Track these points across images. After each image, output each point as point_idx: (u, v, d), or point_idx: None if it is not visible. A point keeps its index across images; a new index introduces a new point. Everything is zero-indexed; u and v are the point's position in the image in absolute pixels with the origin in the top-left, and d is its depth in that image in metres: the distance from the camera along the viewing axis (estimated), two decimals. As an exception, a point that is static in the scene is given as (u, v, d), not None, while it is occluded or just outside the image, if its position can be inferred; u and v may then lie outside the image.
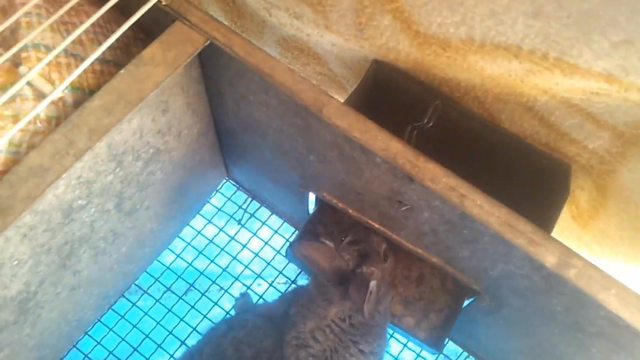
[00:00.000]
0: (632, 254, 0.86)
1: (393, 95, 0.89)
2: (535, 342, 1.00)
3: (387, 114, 0.88)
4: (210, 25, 0.79)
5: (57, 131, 0.72)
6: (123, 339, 1.21)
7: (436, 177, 0.72)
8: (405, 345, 1.23)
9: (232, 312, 1.24)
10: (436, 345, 1.05)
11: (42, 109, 0.71)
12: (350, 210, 0.99)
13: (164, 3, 0.79)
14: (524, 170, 0.88)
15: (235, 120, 1.01)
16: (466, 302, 1.07)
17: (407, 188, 0.80)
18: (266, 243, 1.31)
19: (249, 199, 1.35)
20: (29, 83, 0.73)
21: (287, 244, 1.31)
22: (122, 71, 0.77)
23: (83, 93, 0.82)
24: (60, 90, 0.72)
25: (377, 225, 0.98)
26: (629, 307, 0.69)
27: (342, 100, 0.83)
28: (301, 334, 0.94)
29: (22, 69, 0.74)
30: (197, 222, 1.32)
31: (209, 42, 0.79)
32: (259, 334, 0.96)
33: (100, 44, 0.84)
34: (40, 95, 0.74)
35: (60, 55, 0.79)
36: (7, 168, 0.72)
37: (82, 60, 0.79)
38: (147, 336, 1.21)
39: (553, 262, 0.70)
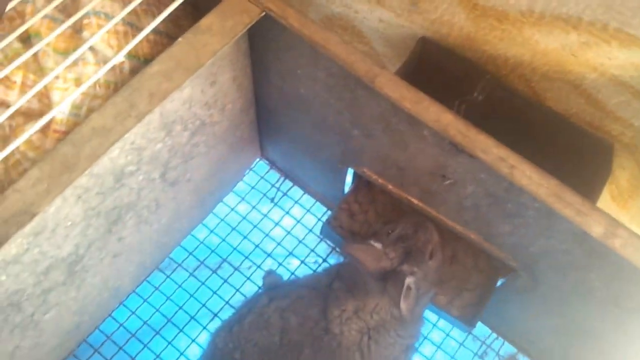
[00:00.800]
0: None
1: (438, 74, 0.91)
2: (569, 320, 1.01)
3: (431, 92, 0.90)
4: (267, -1, 0.81)
5: (118, 94, 0.74)
6: (157, 310, 1.24)
7: (487, 147, 0.74)
8: (434, 325, 1.25)
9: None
10: (469, 322, 1.07)
11: (104, 72, 0.74)
12: (390, 186, 1.01)
13: (219, -25, 0.81)
14: (567, 149, 0.89)
15: (278, 95, 1.03)
16: (500, 282, 1.08)
17: (453, 161, 0.82)
18: (298, 221, 1.33)
19: (282, 178, 1.37)
20: (91, 48, 0.76)
21: (319, 223, 1.33)
22: (180, 39, 0.79)
23: (138, 61, 0.84)
24: (122, 56, 0.75)
25: (415, 201, 1.00)
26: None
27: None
28: (345, 312, 0.96)
29: (85, 34, 0.76)
30: (231, 199, 1.34)
31: (264, 13, 0.81)
32: (303, 303, 0.98)
33: (153, 15, 0.87)
34: (101, 60, 0.77)
35: (118, 23, 0.81)
36: (68, 129, 0.75)
37: (138, 29, 0.81)
38: (180, 307, 1.24)
39: (599, 232, 0.71)
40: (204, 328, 1.22)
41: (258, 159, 1.38)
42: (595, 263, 0.80)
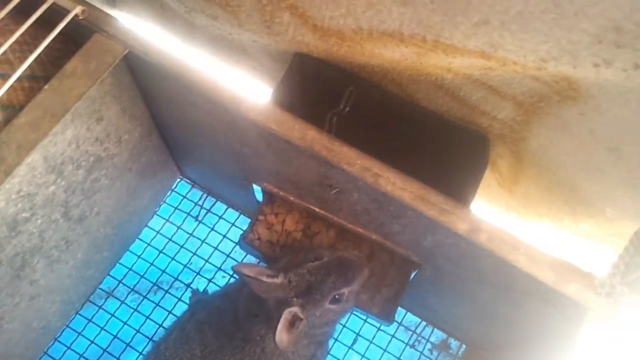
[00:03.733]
0: (552, 214, 0.91)
1: (318, 85, 0.93)
2: (479, 305, 1.05)
3: (313, 103, 0.92)
4: (127, 35, 0.82)
5: (-15, 150, 0.75)
6: (92, 342, 1.25)
7: (351, 159, 0.77)
8: (365, 320, 1.28)
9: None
10: (388, 317, 1.11)
11: (-30, 129, 0.75)
12: (290, 198, 1.04)
13: (80, 17, 0.82)
14: (446, 144, 0.92)
15: (173, 121, 1.05)
16: (413, 275, 1.12)
17: (332, 172, 0.84)
18: (224, 236, 1.35)
19: (205, 195, 1.39)
20: (-45, 106, 0.76)
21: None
22: (45, 86, 0.80)
23: (14, 110, 0.85)
24: (-15, 110, 0.76)
25: (317, 210, 1.03)
26: (537, 264, 0.74)
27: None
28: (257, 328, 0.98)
29: (-53, 92, 0.77)
30: (156, 222, 1.36)
31: (127, 51, 0.82)
32: (218, 312, 1.00)
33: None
34: (-33, 117, 0.77)
35: (-14, 75, 0.82)
36: (-59, 189, 0.76)
37: (9, 78, 0.82)
38: (115, 336, 1.26)
39: (465, 228, 0.75)
40: (140, 354, 1.24)
41: (178, 180, 1.39)
42: (478, 253, 0.83)
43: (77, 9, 0.84)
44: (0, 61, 0.85)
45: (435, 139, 0.92)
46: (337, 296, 0.91)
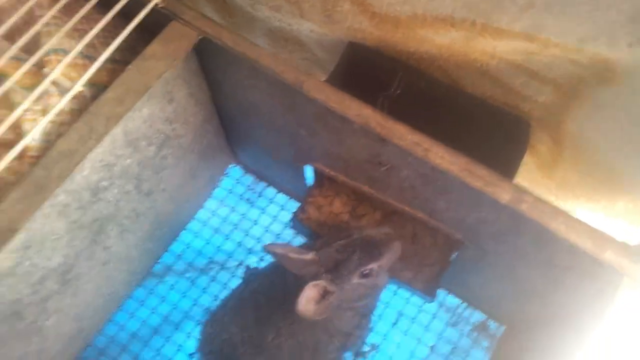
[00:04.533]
0: (589, 195, 0.97)
1: (368, 73, 1.01)
2: (518, 284, 1.11)
3: (364, 90, 1.00)
4: (202, 22, 0.92)
5: (79, 120, 0.85)
6: (153, 311, 1.35)
7: (403, 135, 0.84)
8: (408, 300, 1.34)
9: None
10: (431, 294, 1.17)
11: (64, 103, 0.85)
12: (341, 177, 1.11)
13: (160, 5, 0.92)
14: (489, 129, 0.98)
15: (234, 105, 1.14)
16: (455, 254, 1.18)
17: (383, 149, 0.92)
18: (274, 218, 1.44)
19: (257, 180, 1.48)
20: (53, 82, 0.87)
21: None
22: (129, 67, 0.90)
23: (98, 89, 0.95)
24: (79, 86, 0.86)
25: (366, 189, 1.10)
26: (575, 232, 0.80)
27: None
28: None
29: (46, 70, 0.88)
30: (211, 203, 1.46)
31: (201, 36, 0.92)
32: (269, 282, 1.09)
33: (109, 46, 0.98)
34: (63, 91, 0.88)
35: (77, 57, 0.92)
36: (41, 154, 0.86)
37: (95, 60, 0.92)
38: (174, 307, 1.36)
39: (507, 198, 0.81)
40: (198, 323, 1.34)
41: (232, 165, 1.49)
42: (520, 228, 0.89)
43: (157, -1, 0.94)
44: (87, 45, 0.96)
45: (478, 123, 0.99)
46: (365, 271, 0.98)
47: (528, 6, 0.64)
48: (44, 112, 0.87)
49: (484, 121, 0.98)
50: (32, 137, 0.84)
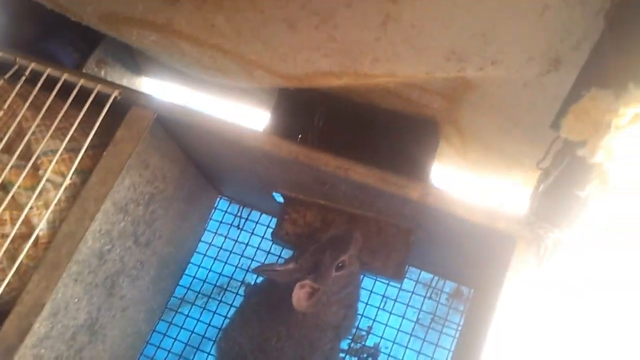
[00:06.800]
0: (494, 169, 1.17)
1: (296, 112, 1.22)
2: (462, 255, 1.30)
3: (296, 123, 1.20)
4: (155, 103, 1.13)
5: (75, 205, 1.07)
6: (175, 339, 1.57)
7: (327, 162, 1.05)
8: (388, 284, 1.55)
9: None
10: (399, 276, 1.37)
11: (59, 195, 1.07)
12: (301, 196, 1.32)
13: (118, 98, 1.13)
14: (405, 132, 1.19)
15: (203, 154, 1.35)
16: (412, 238, 1.38)
17: (319, 173, 1.12)
18: (262, 237, 1.65)
19: (241, 207, 1.69)
20: (48, 179, 1.09)
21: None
22: (105, 153, 1.11)
23: (86, 174, 1.17)
24: (67, 179, 1.08)
25: (323, 202, 1.31)
26: (472, 212, 0.99)
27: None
28: None
29: (41, 172, 1.09)
30: (207, 236, 1.67)
31: (156, 114, 1.13)
32: (266, 294, 1.30)
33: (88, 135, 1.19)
34: (57, 185, 1.10)
35: (63, 153, 1.14)
36: (50, 239, 1.08)
37: (78, 151, 1.14)
38: (192, 332, 1.58)
39: (416, 195, 1.01)
40: (214, 342, 1.56)
41: (218, 198, 1.70)
42: (433, 214, 1.08)
43: (116, 92, 1.15)
44: (69, 141, 1.17)
45: (396, 130, 1.19)
46: (340, 264, 1.18)
47: (375, 60, 0.84)
48: (46, 205, 1.09)
49: (401, 128, 1.18)
50: (40, 228, 1.06)
